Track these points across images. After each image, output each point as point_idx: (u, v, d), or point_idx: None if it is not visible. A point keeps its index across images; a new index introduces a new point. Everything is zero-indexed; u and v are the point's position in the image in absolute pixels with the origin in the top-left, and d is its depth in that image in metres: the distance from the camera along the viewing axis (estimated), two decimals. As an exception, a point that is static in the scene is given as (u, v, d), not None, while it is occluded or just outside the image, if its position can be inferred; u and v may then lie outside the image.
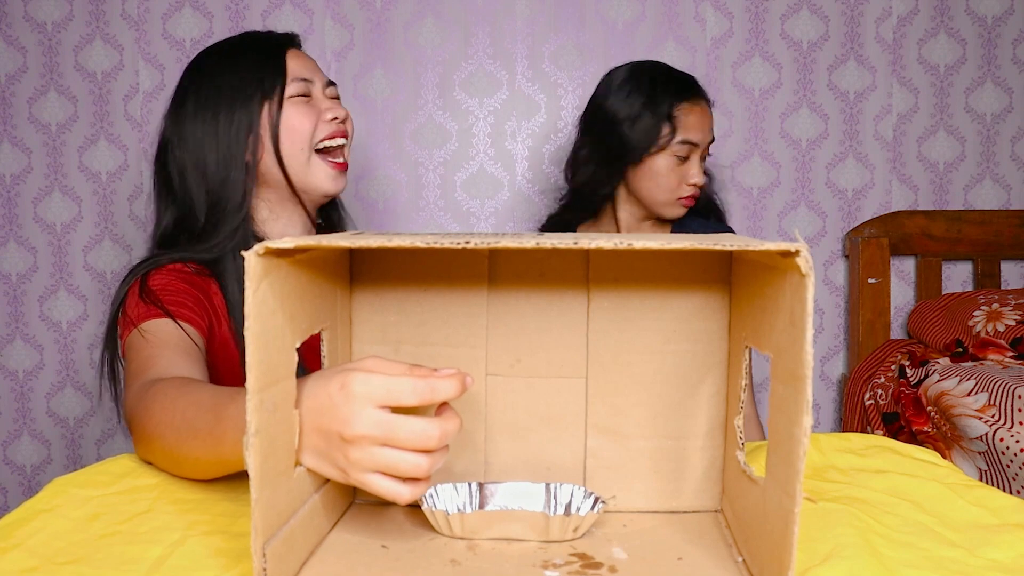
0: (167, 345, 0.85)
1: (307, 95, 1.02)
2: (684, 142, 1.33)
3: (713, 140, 1.39)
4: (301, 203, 1.04)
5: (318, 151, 1.02)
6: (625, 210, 1.44)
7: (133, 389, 0.80)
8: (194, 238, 0.99)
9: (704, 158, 1.38)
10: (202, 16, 1.94)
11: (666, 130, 1.33)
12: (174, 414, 0.67)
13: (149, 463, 0.75)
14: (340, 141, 1.04)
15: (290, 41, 1.05)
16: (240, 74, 0.99)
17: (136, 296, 0.91)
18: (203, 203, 0.99)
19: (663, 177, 1.35)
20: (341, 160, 1.04)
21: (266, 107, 0.98)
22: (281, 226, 1.05)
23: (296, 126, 0.99)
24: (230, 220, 0.98)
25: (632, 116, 1.35)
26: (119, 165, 1.96)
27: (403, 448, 0.50)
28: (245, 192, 0.99)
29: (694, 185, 1.34)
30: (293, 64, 1.02)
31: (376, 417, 0.50)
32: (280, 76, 1.00)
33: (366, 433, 0.50)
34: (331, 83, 1.07)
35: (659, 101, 1.34)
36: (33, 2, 1.94)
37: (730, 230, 1.52)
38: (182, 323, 0.88)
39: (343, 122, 1.04)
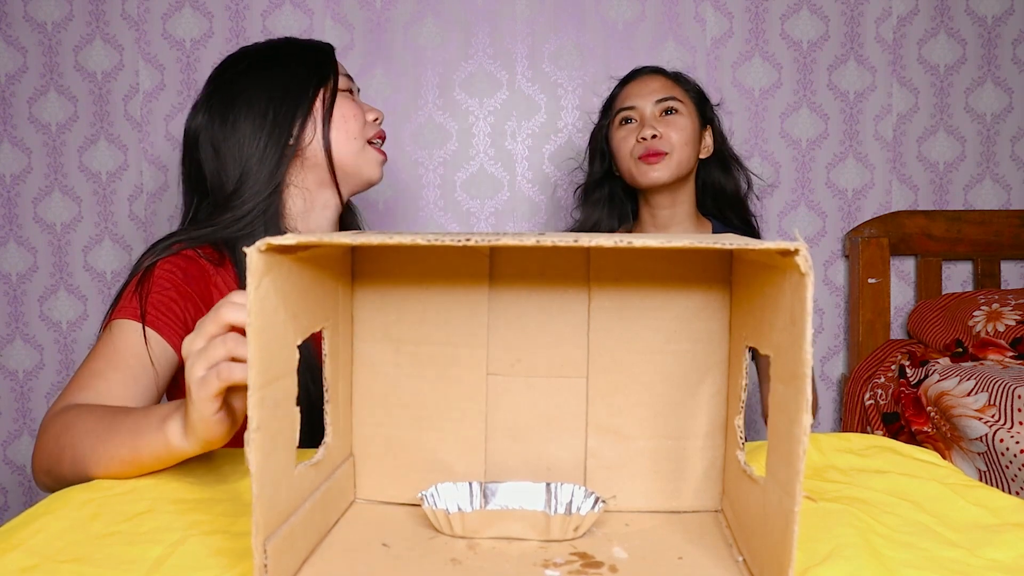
0: (120, 365, 0.87)
1: (351, 92, 1.11)
2: (622, 109, 1.45)
3: (666, 99, 1.42)
4: (338, 190, 1.09)
5: (369, 141, 1.11)
6: (643, 211, 1.50)
7: (63, 401, 0.83)
8: (219, 208, 1.01)
9: (668, 112, 1.42)
10: (202, 16, 1.94)
11: (611, 110, 1.49)
12: (87, 423, 0.74)
13: (43, 483, 0.80)
14: (379, 142, 1.14)
15: (333, 49, 1.14)
16: (294, 65, 1.06)
17: (134, 285, 0.94)
18: (235, 175, 1.02)
19: (620, 145, 1.45)
20: (383, 151, 1.14)
21: (321, 94, 1.05)
22: (313, 220, 1.09)
23: (350, 116, 1.07)
24: (260, 192, 1.01)
25: (596, 124, 1.55)
26: (119, 165, 1.96)
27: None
28: (279, 168, 1.03)
29: (643, 140, 1.39)
30: (340, 65, 1.11)
31: None
32: (335, 69, 1.08)
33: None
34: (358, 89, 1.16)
35: (609, 97, 1.53)
36: (33, 2, 1.94)
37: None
38: (151, 333, 0.90)
39: (380, 124, 1.15)
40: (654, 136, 1.37)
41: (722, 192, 1.52)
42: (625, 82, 1.49)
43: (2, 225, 1.97)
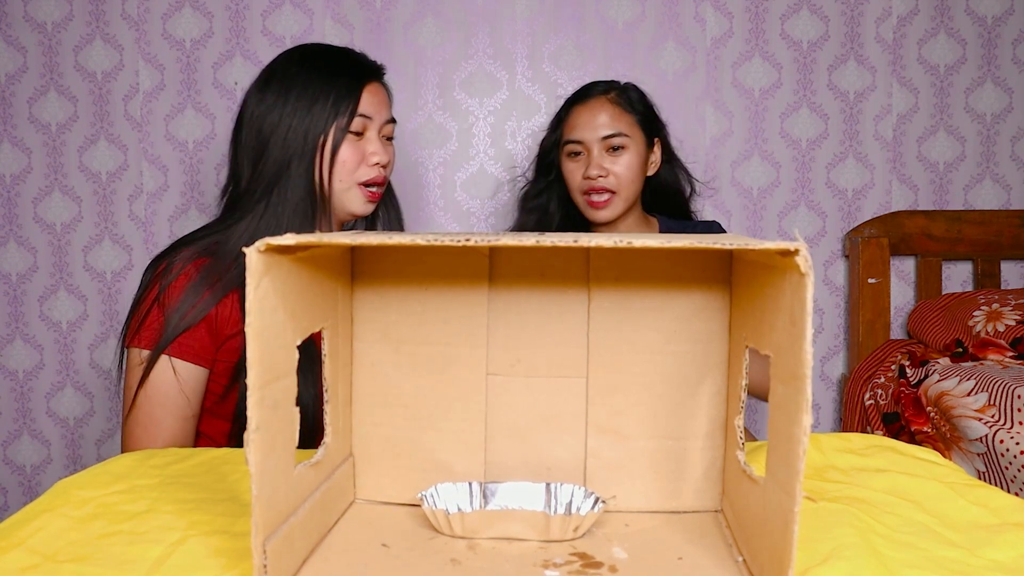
0: (167, 409, 1.03)
1: (361, 132, 1.13)
2: (568, 141, 1.42)
3: (612, 136, 1.38)
4: (314, 218, 1.15)
5: (360, 183, 1.14)
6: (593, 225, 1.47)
7: (133, 444, 1.02)
8: (238, 209, 1.09)
9: (615, 149, 1.38)
10: (202, 16, 1.94)
11: (558, 133, 1.45)
12: None
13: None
14: (378, 185, 1.16)
15: (373, 74, 1.15)
16: (325, 90, 1.10)
17: (149, 304, 1.03)
18: (270, 175, 1.08)
19: (569, 177, 1.43)
20: (376, 191, 1.17)
21: (333, 129, 1.09)
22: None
23: (342, 160, 1.11)
24: (291, 200, 1.08)
25: (545, 136, 1.51)
26: (119, 165, 1.96)
27: None
28: (308, 182, 1.09)
29: (589, 179, 1.38)
30: (365, 99, 1.12)
31: None
32: (351, 108, 1.10)
33: None
34: (392, 120, 1.18)
35: (558, 114, 1.47)
36: (33, 2, 1.94)
37: (716, 224, 1.53)
38: (184, 365, 1.03)
39: (385, 166, 1.16)
40: (600, 176, 1.37)
41: (667, 196, 1.53)
42: (572, 103, 1.45)
43: (2, 225, 1.97)
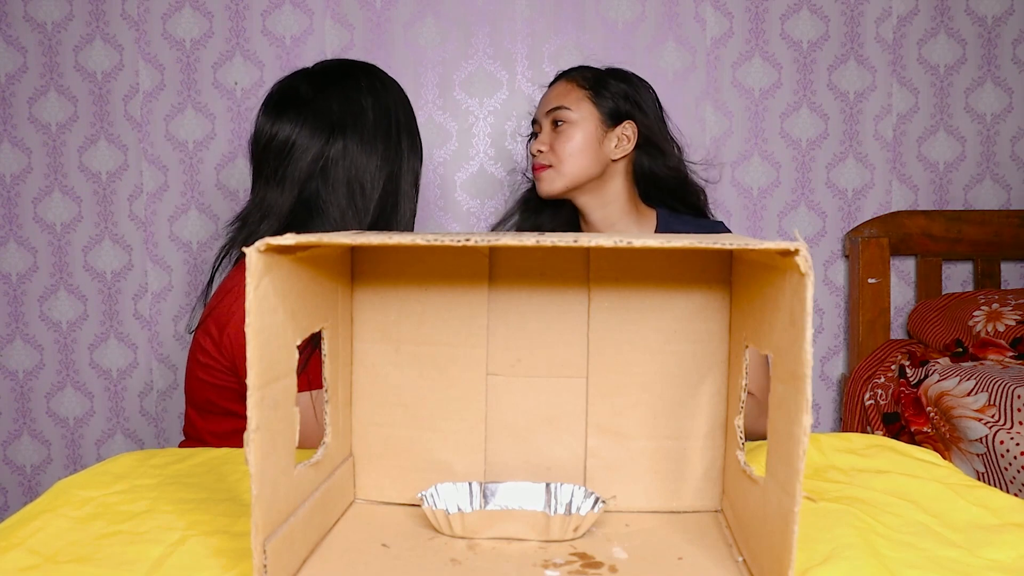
0: None
1: None
2: (532, 122, 1.44)
3: (554, 110, 1.37)
4: None
5: None
6: (579, 218, 1.46)
7: None
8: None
9: (557, 124, 1.37)
10: (202, 16, 1.94)
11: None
12: None
13: None
14: None
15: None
16: (413, 123, 1.15)
17: None
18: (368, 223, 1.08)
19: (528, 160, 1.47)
20: None
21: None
22: None
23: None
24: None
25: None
26: (119, 165, 1.96)
27: None
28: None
29: (533, 154, 1.40)
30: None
31: None
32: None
33: None
34: None
35: None
36: (33, 2, 1.94)
37: (721, 224, 1.45)
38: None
39: None
40: (540, 151, 1.37)
41: (656, 181, 1.43)
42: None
43: (2, 225, 1.97)
